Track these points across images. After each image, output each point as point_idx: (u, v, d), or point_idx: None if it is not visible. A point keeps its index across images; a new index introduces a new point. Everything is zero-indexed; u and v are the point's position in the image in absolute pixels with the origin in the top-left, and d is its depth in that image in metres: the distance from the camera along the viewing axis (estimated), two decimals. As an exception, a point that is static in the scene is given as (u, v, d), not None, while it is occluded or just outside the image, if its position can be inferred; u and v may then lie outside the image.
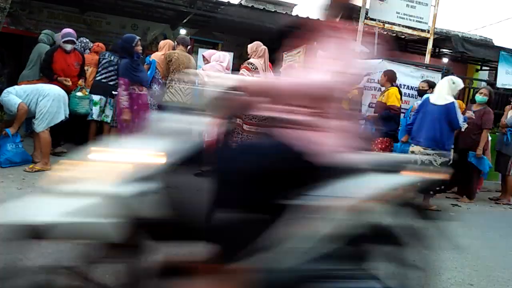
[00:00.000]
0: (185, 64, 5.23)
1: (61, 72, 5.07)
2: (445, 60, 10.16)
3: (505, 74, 8.29)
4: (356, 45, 2.12)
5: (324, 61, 1.84)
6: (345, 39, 1.87)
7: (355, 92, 5.36)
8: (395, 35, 9.09)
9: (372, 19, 7.12)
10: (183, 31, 9.43)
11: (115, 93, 5.26)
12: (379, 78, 5.73)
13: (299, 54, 6.40)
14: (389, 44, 8.38)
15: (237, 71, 5.04)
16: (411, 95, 6.21)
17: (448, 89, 4.78)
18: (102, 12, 9.29)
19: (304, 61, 4.51)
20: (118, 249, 1.62)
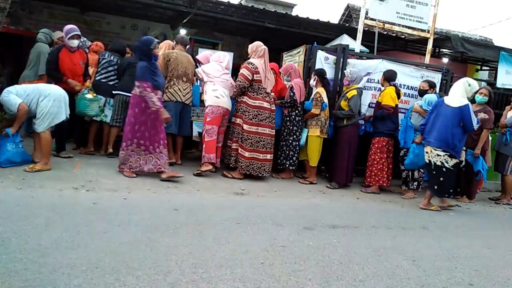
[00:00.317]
0: (184, 63, 5.22)
1: (69, 72, 4.83)
2: (445, 60, 10.15)
3: (505, 74, 8.30)
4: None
5: None
6: None
7: (354, 92, 5.34)
8: (395, 35, 9.09)
9: (372, 19, 7.13)
10: (183, 31, 9.43)
11: (116, 93, 5.26)
12: (380, 78, 5.74)
13: (299, 54, 6.40)
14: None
15: (237, 71, 5.05)
16: (411, 95, 6.21)
17: (463, 91, 4.74)
18: (102, 12, 9.29)
19: None
20: None
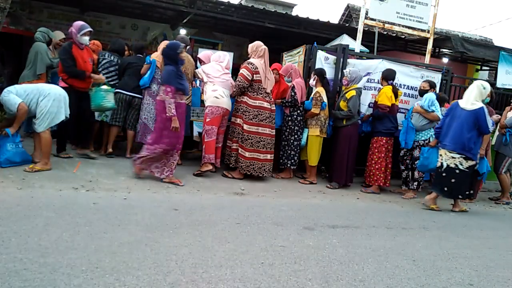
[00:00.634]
0: (184, 63, 5.22)
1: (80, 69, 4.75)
2: (445, 60, 10.15)
3: (505, 74, 8.29)
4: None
5: None
6: None
7: (353, 93, 5.33)
8: (395, 35, 9.09)
9: (372, 19, 7.12)
10: (183, 31, 9.42)
11: (116, 91, 5.24)
12: (379, 78, 5.73)
13: (299, 54, 6.40)
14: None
15: (237, 71, 5.04)
16: (411, 95, 6.21)
17: (478, 94, 4.77)
18: (102, 12, 9.28)
19: None
20: None
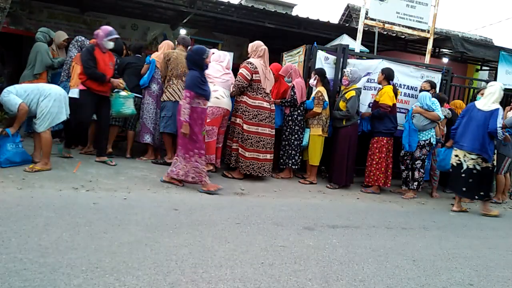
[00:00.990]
0: (184, 63, 5.20)
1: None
2: (445, 60, 10.14)
3: (505, 74, 8.29)
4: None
5: None
6: None
7: (352, 93, 5.33)
8: (395, 35, 9.09)
9: (372, 19, 7.12)
10: (183, 31, 9.42)
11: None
12: (378, 77, 5.72)
13: (299, 54, 6.40)
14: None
15: (237, 71, 5.04)
16: (411, 95, 6.20)
17: (498, 97, 4.82)
18: (102, 12, 9.28)
19: None
20: None
